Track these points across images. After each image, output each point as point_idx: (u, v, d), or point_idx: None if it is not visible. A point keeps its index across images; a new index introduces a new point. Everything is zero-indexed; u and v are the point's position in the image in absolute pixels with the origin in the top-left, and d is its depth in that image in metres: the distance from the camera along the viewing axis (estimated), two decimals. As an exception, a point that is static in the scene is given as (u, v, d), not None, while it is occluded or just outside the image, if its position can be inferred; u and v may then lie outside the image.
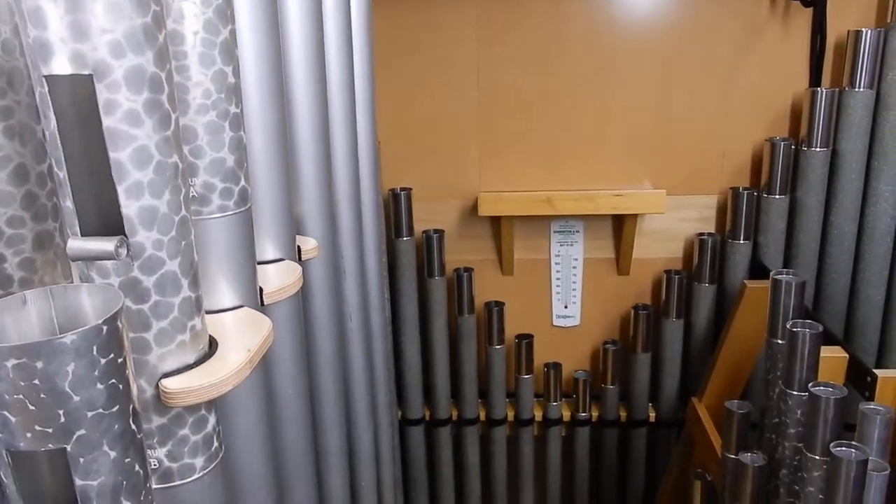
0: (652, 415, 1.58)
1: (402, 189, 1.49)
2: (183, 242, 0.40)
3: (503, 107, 1.48)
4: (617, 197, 1.43)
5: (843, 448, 0.80)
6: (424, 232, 1.51)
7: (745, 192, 1.41)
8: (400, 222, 1.49)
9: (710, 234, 1.46)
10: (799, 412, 0.90)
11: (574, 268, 1.57)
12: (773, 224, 1.41)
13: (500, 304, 1.55)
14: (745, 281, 1.31)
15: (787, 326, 0.90)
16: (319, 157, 0.64)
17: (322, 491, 0.70)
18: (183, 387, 0.39)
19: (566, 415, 1.60)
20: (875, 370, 1.01)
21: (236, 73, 0.46)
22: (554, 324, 1.61)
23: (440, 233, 1.51)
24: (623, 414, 1.59)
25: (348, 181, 0.75)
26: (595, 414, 1.60)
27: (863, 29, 1.30)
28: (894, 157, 1.33)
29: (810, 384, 0.85)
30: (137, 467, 0.34)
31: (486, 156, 1.51)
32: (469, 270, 1.54)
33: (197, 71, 0.44)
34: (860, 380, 1.03)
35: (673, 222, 1.51)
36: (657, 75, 1.44)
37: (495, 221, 1.53)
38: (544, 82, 1.46)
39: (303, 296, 0.63)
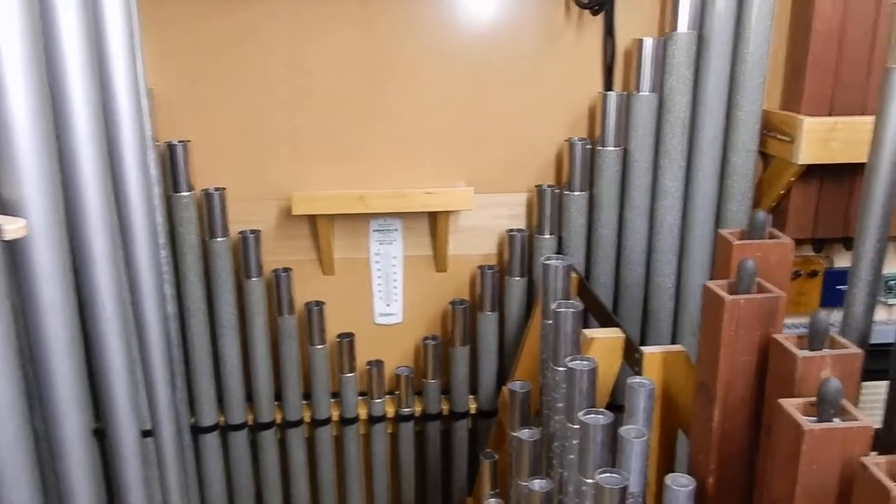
0: (472, 406, 1.63)
1: (216, 189, 1.47)
2: None
3: (319, 106, 1.49)
4: (428, 195, 1.47)
5: (593, 415, 0.86)
6: (241, 232, 1.49)
7: (549, 189, 1.49)
8: (214, 223, 1.46)
9: (519, 230, 1.53)
10: (564, 387, 0.96)
11: (394, 266, 1.59)
12: (574, 219, 1.49)
13: (320, 304, 1.55)
14: (546, 272, 1.38)
15: (552, 307, 0.96)
16: (41, 141, 0.62)
17: (63, 480, 0.68)
18: None
19: (390, 411, 1.62)
20: (642, 347, 1.09)
21: None
22: (376, 322, 1.63)
23: (256, 233, 1.50)
24: (445, 407, 1.63)
25: (96, 172, 0.73)
26: (418, 409, 1.63)
27: (645, 38, 1.40)
28: (676, 156, 1.44)
29: (567, 358, 0.90)
30: None
31: (302, 155, 1.52)
32: (288, 271, 1.53)
33: None
34: (632, 357, 1.12)
35: (486, 219, 1.57)
36: (467, 78, 1.49)
37: (313, 221, 1.53)
38: (361, 82, 1.48)
39: (24, 280, 0.60)
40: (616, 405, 1.17)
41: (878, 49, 1.39)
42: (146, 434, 1.41)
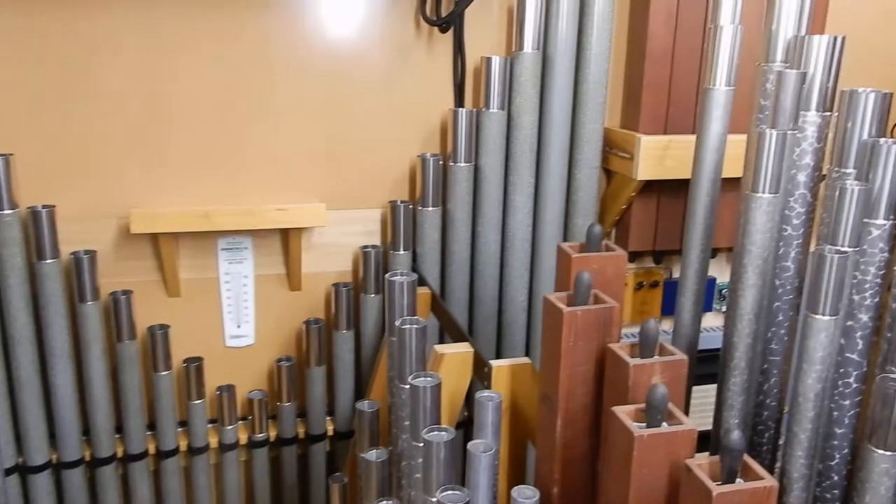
0: (330, 428, 1.59)
1: (45, 206, 1.35)
2: None
3: (164, 118, 1.41)
4: (279, 211, 1.43)
5: (436, 433, 0.85)
6: (73, 254, 1.39)
7: (402, 205, 1.48)
8: (42, 243, 1.35)
9: (373, 247, 1.51)
10: (409, 404, 0.94)
11: (245, 286, 1.53)
12: (428, 235, 1.49)
13: (164, 328, 1.47)
14: (400, 288, 1.37)
15: (397, 324, 0.95)
16: None
17: None
18: None
19: (243, 438, 1.55)
20: (491, 361, 1.10)
21: None
22: (227, 344, 1.56)
23: (91, 254, 1.40)
24: (301, 430, 1.58)
25: None
26: (273, 434, 1.57)
27: (493, 56, 1.43)
28: (525, 172, 1.48)
29: (410, 376, 0.89)
30: None
31: (145, 170, 1.43)
32: (128, 293, 1.43)
33: None
34: (481, 371, 1.12)
35: (340, 236, 1.54)
36: (319, 93, 1.46)
37: (155, 240, 1.45)
38: (210, 95, 1.41)
39: None
40: (472, 420, 1.16)
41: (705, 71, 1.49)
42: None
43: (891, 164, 0.80)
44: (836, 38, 0.92)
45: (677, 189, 1.52)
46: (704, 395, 1.36)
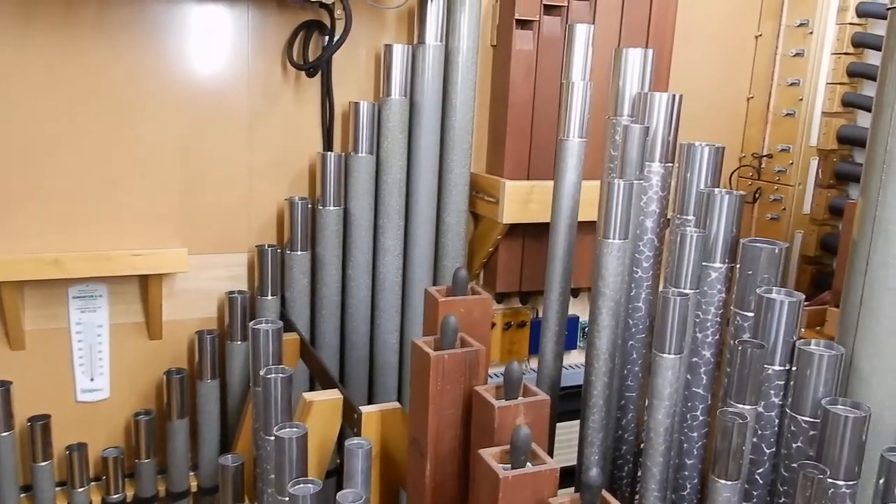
0: (194, 484, 1.51)
1: None
2: None
3: (5, 160, 1.32)
4: (136, 256, 1.37)
5: (302, 485, 0.83)
6: None
7: (270, 249, 1.46)
8: None
9: (240, 292, 1.47)
10: (276, 457, 0.92)
11: (99, 336, 1.44)
12: (297, 279, 1.47)
13: (5, 384, 1.35)
14: (268, 335, 1.33)
15: (261, 373, 0.92)
16: None
17: None
18: None
19: (96, 500, 1.45)
20: (361, 407, 1.09)
21: None
22: (79, 399, 1.45)
23: (-80, 306, 1.28)
24: (162, 488, 1.49)
25: None
26: (130, 493, 1.47)
27: (361, 101, 1.45)
28: (394, 215, 1.49)
29: (275, 427, 0.87)
30: None
31: (-16, 215, 1.33)
32: (-37, 348, 1.32)
33: None
34: (351, 418, 1.11)
35: (204, 281, 1.49)
36: (181, 134, 1.42)
37: (-5, 289, 1.34)
38: (61, 133, 1.34)
39: None
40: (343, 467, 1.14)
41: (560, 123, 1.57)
42: None
43: (724, 211, 0.88)
44: (674, 96, 1.00)
45: (541, 232, 1.57)
46: (570, 430, 1.40)
